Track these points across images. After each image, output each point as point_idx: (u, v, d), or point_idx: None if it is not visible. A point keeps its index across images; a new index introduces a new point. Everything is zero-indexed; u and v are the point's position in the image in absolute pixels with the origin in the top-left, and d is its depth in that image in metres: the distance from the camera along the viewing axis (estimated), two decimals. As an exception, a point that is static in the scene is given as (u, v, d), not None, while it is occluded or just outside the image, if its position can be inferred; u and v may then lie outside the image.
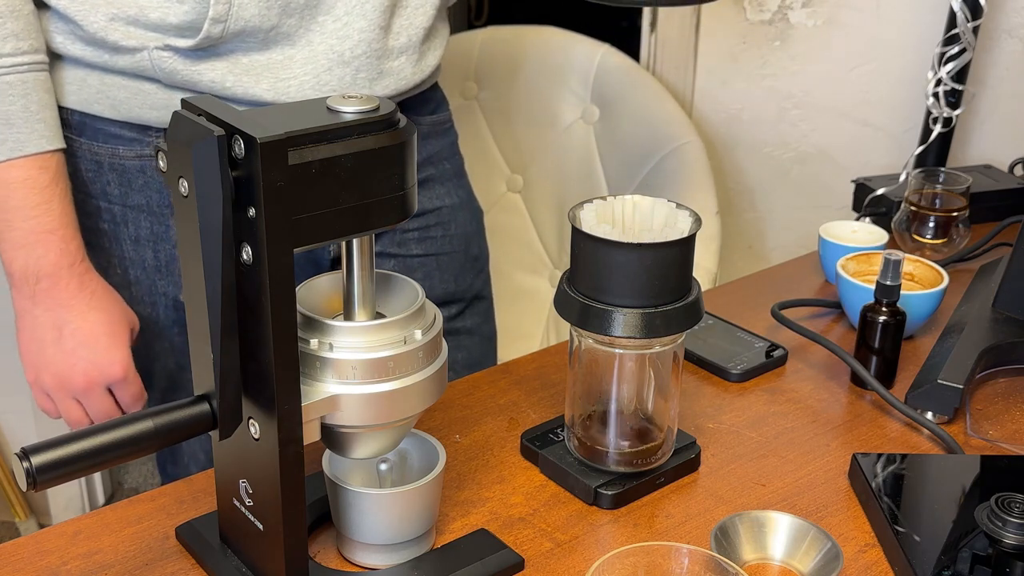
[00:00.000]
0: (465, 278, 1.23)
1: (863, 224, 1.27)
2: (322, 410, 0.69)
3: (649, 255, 0.77)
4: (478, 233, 1.26)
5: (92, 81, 1.00)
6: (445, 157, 1.21)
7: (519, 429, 0.94)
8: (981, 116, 1.63)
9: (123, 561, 0.78)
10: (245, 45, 0.97)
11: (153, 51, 0.96)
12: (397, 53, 1.05)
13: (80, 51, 0.98)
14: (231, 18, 0.94)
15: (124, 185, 1.04)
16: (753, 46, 1.75)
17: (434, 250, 1.19)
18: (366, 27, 1.00)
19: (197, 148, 0.62)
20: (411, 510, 0.76)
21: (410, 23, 1.05)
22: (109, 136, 1.02)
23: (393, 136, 0.66)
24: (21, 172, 0.95)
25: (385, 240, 1.16)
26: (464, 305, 1.25)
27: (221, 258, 0.63)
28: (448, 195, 1.20)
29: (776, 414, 0.98)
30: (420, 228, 1.18)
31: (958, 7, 1.36)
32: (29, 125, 0.95)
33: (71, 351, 1.00)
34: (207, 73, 0.97)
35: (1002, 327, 1.05)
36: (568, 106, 1.81)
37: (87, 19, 0.95)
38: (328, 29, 0.99)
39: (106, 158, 1.03)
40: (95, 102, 1.01)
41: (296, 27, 0.98)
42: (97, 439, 0.63)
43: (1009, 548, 0.75)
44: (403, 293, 0.75)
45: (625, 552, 0.67)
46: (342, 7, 0.99)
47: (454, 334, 1.24)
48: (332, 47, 1.00)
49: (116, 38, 0.96)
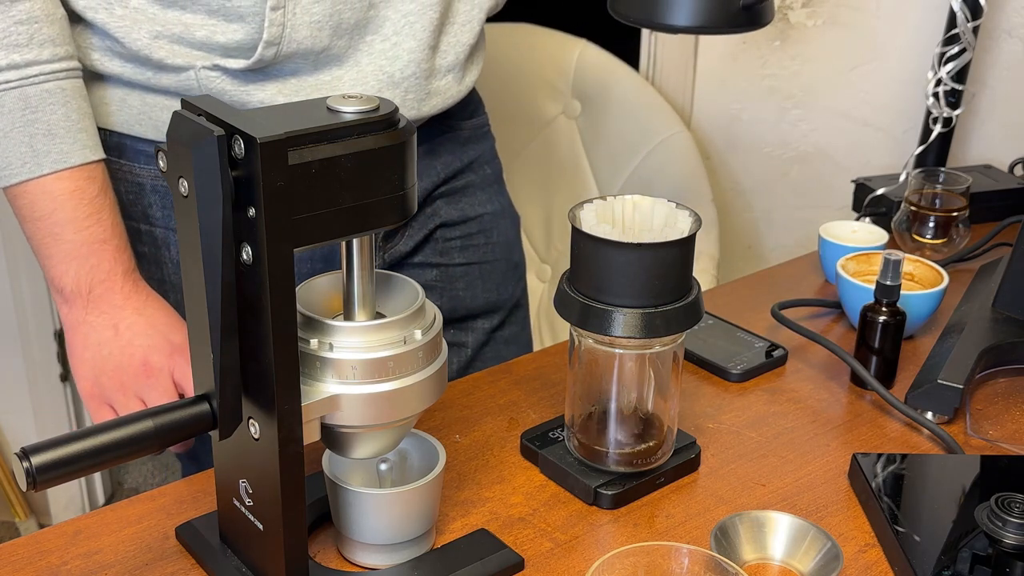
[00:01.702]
0: (507, 286, 1.21)
1: (863, 224, 1.27)
2: (322, 410, 0.69)
3: (649, 255, 0.77)
4: (518, 240, 1.24)
5: (133, 101, 0.98)
6: (486, 162, 1.19)
7: (519, 429, 0.94)
8: (981, 116, 1.63)
9: (123, 561, 0.78)
10: (295, 66, 0.95)
11: (200, 70, 0.94)
12: (444, 72, 1.03)
13: (119, 68, 0.96)
14: (284, 40, 0.92)
15: (167, 208, 1.02)
16: (753, 46, 1.75)
17: (477, 258, 1.17)
18: (415, 47, 0.98)
19: (197, 148, 0.62)
20: (411, 510, 0.76)
21: (457, 40, 1.03)
22: (151, 158, 1.00)
23: (393, 136, 0.66)
24: (69, 184, 0.92)
25: (427, 250, 1.13)
26: (506, 314, 1.22)
27: (221, 258, 0.63)
28: (490, 202, 1.18)
29: (776, 414, 0.98)
30: (463, 236, 1.15)
31: (958, 7, 1.36)
32: (72, 135, 0.92)
33: (128, 341, 0.96)
34: (256, 94, 0.95)
35: (1002, 327, 1.05)
36: (549, 102, 1.81)
37: (129, 36, 0.92)
38: (376, 49, 0.97)
39: (148, 180, 1.01)
40: (136, 123, 0.99)
41: (346, 48, 0.96)
42: (97, 439, 0.63)
43: (1009, 548, 0.75)
44: (403, 293, 0.75)
45: (625, 552, 0.67)
46: (391, 27, 0.97)
47: (495, 344, 1.21)
48: (382, 68, 0.98)
49: (161, 56, 0.93)
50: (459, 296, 1.17)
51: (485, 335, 1.20)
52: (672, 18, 0.71)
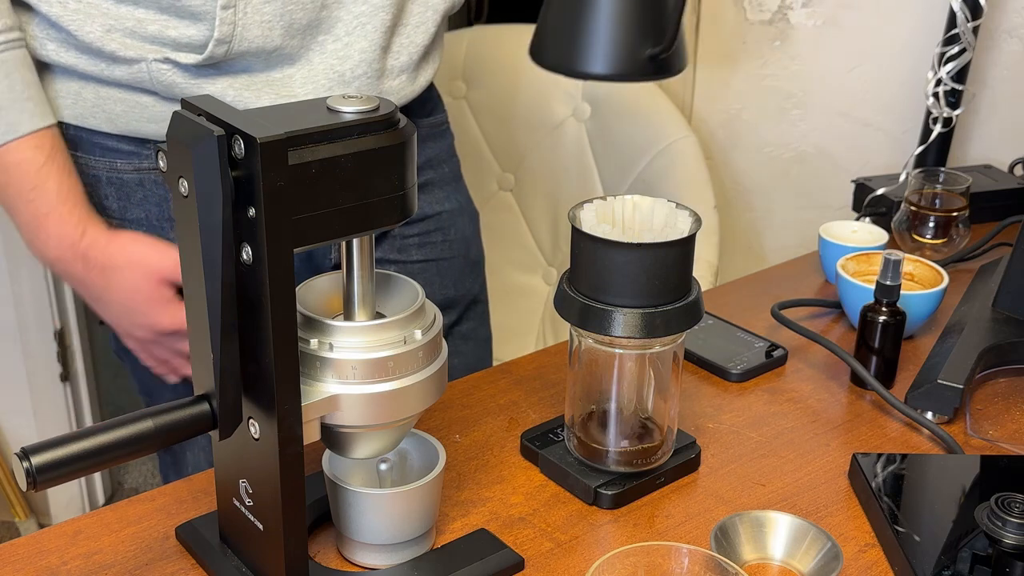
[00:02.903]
0: (464, 283, 1.23)
1: (863, 224, 1.27)
2: (322, 410, 0.69)
3: (649, 255, 0.77)
4: (476, 236, 1.26)
5: (87, 95, 0.99)
6: (444, 160, 1.21)
7: (519, 429, 0.94)
8: (981, 116, 1.62)
9: (123, 561, 0.78)
10: (247, 63, 0.97)
11: (152, 63, 0.95)
12: (396, 72, 1.04)
13: (74, 60, 0.97)
14: (235, 38, 0.93)
15: (123, 199, 1.03)
16: (753, 46, 1.75)
17: (435, 255, 1.19)
18: (367, 47, 1.00)
19: (197, 148, 0.62)
20: (411, 510, 0.76)
21: (410, 41, 1.05)
22: (106, 150, 1.02)
23: (393, 136, 0.66)
24: (16, 155, 0.94)
25: (385, 246, 1.15)
26: (463, 309, 1.24)
27: (221, 258, 0.63)
28: (448, 199, 1.20)
29: (776, 414, 0.98)
30: (421, 233, 1.17)
31: (958, 7, 1.36)
32: (18, 104, 0.94)
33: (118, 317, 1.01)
34: (207, 87, 0.96)
35: (1002, 327, 1.05)
36: (559, 104, 1.81)
37: (82, 29, 0.94)
38: (328, 49, 0.99)
39: (103, 172, 1.02)
40: (91, 116, 1.00)
41: (298, 47, 0.98)
42: (97, 439, 0.63)
43: (1009, 548, 0.75)
44: (403, 293, 0.75)
45: (625, 552, 0.67)
46: (342, 27, 0.99)
47: (452, 339, 1.23)
48: (332, 67, 0.99)
49: (113, 48, 0.94)
50: None
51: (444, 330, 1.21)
52: (586, 67, 0.77)
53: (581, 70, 0.77)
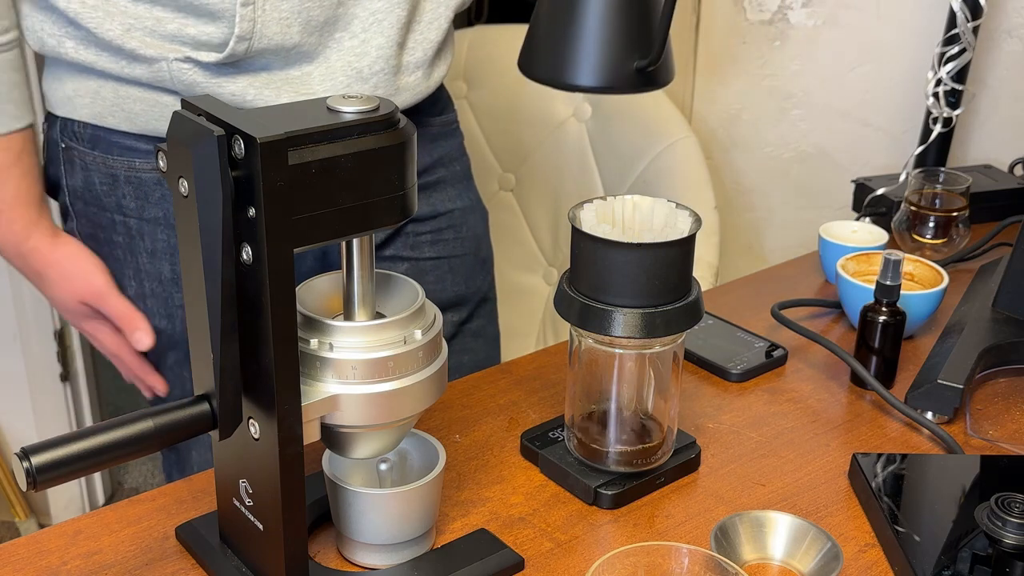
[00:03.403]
0: (475, 280, 1.24)
1: (863, 224, 1.27)
2: (322, 410, 0.69)
3: (649, 255, 0.77)
4: (486, 234, 1.27)
5: (106, 93, 0.99)
6: (455, 158, 1.21)
7: (519, 429, 0.94)
8: (981, 116, 1.62)
9: (123, 561, 0.78)
10: (267, 61, 0.97)
11: (173, 62, 0.95)
12: (412, 68, 1.05)
13: (93, 58, 0.97)
14: (256, 35, 0.94)
15: (141, 198, 1.03)
16: (753, 46, 1.75)
17: (446, 253, 1.19)
18: (384, 44, 1.01)
19: (197, 148, 0.62)
20: (411, 510, 0.76)
21: (424, 38, 1.05)
22: (124, 149, 1.02)
23: (393, 136, 0.66)
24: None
25: (398, 243, 1.16)
26: (473, 307, 1.25)
27: (221, 258, 0.63)
28: (459, 197, 1.20)
29: (776, 414, 0.98)
30: (433, 231, 1.18)
31: (958, 7, 1.36)
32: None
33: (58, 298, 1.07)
34: (227, 86, 0.97)
35: (1002, 327, 1.05)
36: (560, 104, 1.81)
37: (101, 27, 0.94)
38: (346, 46, 0.99)
39: (122, 171, 1.03)
40: (109, 115, 1.00)
41: (316, 44, 0.98)
42: (97, 439, 0.63)
43: (1009, 548, 0.75)
44: (403, 293, 0.75)
45: (625, 552, 0.67)
46: (359, 24, 0.99)
47: (463, 337, 1.23)
48: (350, 63, 1.00)
49: (133, 46, 0.95)
50: (428, 289, 1.19)
51: (454, 328, 1.23)
52: (575, 79, 0.78)
53: (570, 82, 0.78)
